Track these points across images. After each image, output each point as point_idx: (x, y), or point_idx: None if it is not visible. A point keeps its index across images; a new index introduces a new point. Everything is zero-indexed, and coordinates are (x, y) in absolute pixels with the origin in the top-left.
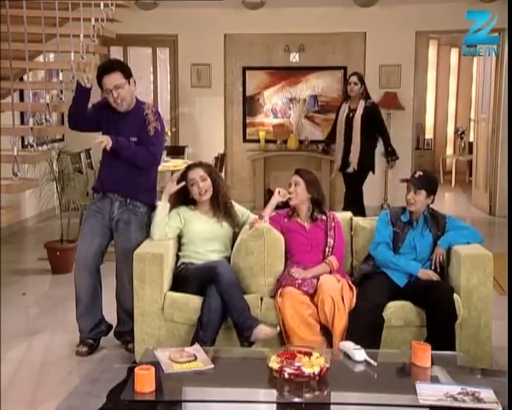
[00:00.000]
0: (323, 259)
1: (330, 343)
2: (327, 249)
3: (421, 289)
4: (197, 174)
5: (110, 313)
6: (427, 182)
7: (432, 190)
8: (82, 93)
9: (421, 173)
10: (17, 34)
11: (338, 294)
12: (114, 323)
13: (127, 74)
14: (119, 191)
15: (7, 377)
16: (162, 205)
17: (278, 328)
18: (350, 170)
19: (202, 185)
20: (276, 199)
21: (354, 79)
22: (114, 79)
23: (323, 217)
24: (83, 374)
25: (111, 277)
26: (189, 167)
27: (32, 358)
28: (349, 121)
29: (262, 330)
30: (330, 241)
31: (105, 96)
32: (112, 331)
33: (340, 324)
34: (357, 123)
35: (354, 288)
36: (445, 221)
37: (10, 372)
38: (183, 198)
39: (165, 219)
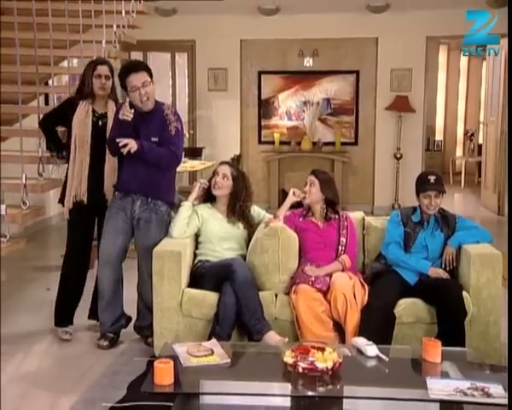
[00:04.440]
0: (336, 257)
1: (343, 339)
2: (339, 248)
3: (431, 287)
4: (222, 170)
5: (130, 308)
6: (441, 182)
7: (444, 190)
8: (126, 127)
9: (435, 177)
10: (43, 41)
11: (350, 291)
12: (134, 317)
13: (151, 74)
14: (141, 191)
15: (32, 370)
16: (187, 205)
17: (287, 339)
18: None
19: (218, 180)
20: (291, 199)
21: (105, 69)
22: (142, 76)
23: (337, 216)
24: (104, 367)
25: (132, 273)
26: (222, 162)
27: (55, 351)
28: (99, 132)
29: (272, 338)
30: (343, 239)
31: (121, 102)
32: (132, 325)
33: (352, 320)
34: None
35: (366, 286)
36: (454, 221)
37: (36, 365)
38: (207, 195)
39: (187, 219)
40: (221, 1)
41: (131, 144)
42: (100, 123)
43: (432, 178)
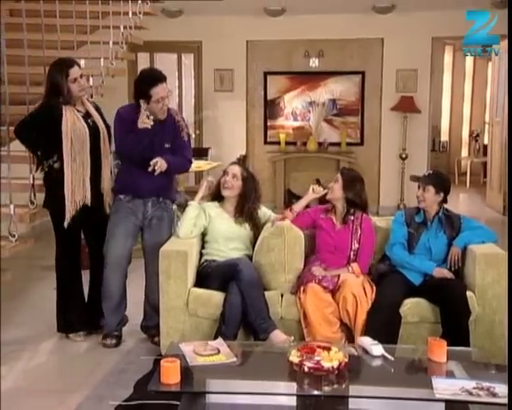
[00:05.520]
0: (347, 263)
1: (348, 340)
2: (351, 253)
3: (435, 288)
4: (232, 170)
5: (136, 308)
6: (435, 179)
7: (440, 187)
8: (145, 136)
9: (431, 172)
10: (51, 42)
11: (360, 288)
12: (140, 317)
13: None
14: (154, 193)
15: (40, 368)
16: (194, 205)
17: (292, 338)
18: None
19: (228, 179)
20: (310, 196)
21: (78, 70)
22: (166, 87)
23: (352, 218)
24: (111, 365)
25: (136, 273)
26: (232, 162)
27: (62, 350)
28: (94, 132)
29: (277, 337)
30: (355, 244)
31: (130, 105)
32: (139, 324)
33: (361, 317)
34: (104, 134)
35: (373, 285)
36: (459, 221)
37: (43, 363)
38: (215, 194)
39: (194, 219)
40: (228, 2)
41: (161, 164)
42: (90, 123)
43: (427, 173)
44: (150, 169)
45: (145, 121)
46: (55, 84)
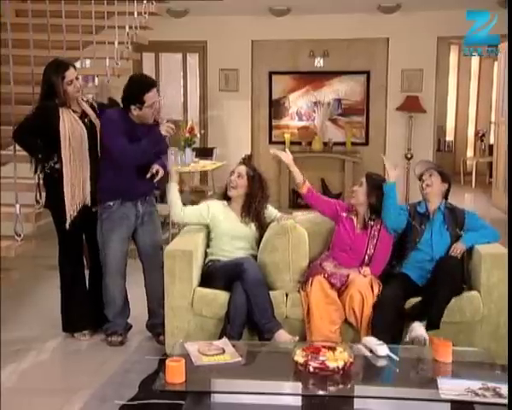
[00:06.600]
0: (360, 266)
1: (353, 339)
2: (366, 257)
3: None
4: (238, 170)
5: (137, 307)
6: (440, 170)
7: (445, 178)
8: (162, 143)
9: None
10: (56, 42)
11: (367, 288)
12: (143, 317)
13: None
14: (144, 194)
15: (45, 367)
16: (172, 185)
17: (297, 338)
18: None
19: (233, 179)
20: (285, 158)
21: (73, 72)
22: (156, 92)
23: (372, 223)
24: (116, 365)
25: (132, 274)
26: (240, 162)
27: (67, 349)
28: (91, 131)
29: (282, 336)
30: (371, 249)
31: (116, 110)
32: (144, 324)
33: (367, 316)
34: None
35: (380, 284)
36: (463, 216)
37: (48, 363)
38: (224, 193)
39: (179, 198)
40: (233, 2)
41: (161, 172)
42: (87, 123)
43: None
44: (149, 176)
45: (169, 131)
46: (51, 87)
